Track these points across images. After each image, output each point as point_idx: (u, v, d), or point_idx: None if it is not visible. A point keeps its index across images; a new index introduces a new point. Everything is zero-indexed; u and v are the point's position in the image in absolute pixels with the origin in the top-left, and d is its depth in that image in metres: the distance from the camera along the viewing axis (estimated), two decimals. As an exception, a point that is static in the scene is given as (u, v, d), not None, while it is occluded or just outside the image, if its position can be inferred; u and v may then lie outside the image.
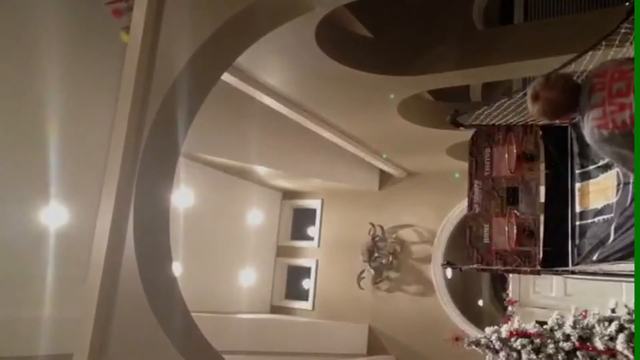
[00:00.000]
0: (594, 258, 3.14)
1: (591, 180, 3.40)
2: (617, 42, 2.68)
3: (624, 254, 2.76)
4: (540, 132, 3.85)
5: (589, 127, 2.24)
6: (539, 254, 3.57)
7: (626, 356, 4.61)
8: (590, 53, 2.85)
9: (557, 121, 3.27)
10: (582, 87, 2.30)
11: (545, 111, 2.33)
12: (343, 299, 9.10)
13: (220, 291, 8.44)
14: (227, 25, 3.88)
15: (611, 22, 2.69)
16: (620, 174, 2.98)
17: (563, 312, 5.26)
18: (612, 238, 2.92)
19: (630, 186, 2.78)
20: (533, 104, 2.33)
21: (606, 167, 3.21)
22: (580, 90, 2.29)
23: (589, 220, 3.34)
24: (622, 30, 2.59)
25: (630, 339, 4.58)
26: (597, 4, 6.22)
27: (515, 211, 3.68)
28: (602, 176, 3.26)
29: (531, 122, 3.65)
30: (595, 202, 3.29)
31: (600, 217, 3.19)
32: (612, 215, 3.02)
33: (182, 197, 7.33)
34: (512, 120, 3.66)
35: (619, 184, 3.00)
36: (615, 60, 2.32)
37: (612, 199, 3.05)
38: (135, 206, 3.75)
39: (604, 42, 2.73)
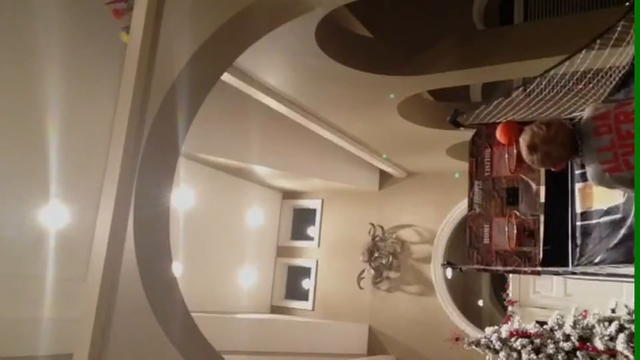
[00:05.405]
0: (597, 260, 3.12)
1: (591, 181, 3.38)
2: (612, 41, 2.67)
3: (630, 257, 2.75)
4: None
5: (598, 170, 2.20)
6: (539, 254, 3.56)
7: (626, 356, 4.61)
8: (584, 51, 2.84)
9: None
10: (581, 132, 2.26)
11: (544, 163, 2.31)
12: (343, 299, 9.09)
13: (220, 291, 8.44)
14: (227, 25, 3.88)
15: (611, 22, 2.68)
16: None
17: (563, 312, 5.26)
18: (618, 240, 2.90)
19: None
20: (530, 154, 2.27)
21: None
22: (578, 138, 2.26)
23: (593, 221, 3.32)
24: (618, 29, 2.58)
25: (630, 339, 4.59)
26: (597, 4, 6.23)
27: (515, 211, 3.67)
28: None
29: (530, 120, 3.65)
30: (600, 202, 3.27)
31: (607, 218, 3.17)
32: (620, 215, 3.01)
33: (182, 197, 7.32)
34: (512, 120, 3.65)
35: None
36: (614, 102, 2.29)
37: (619, 199, 3.04)
38: (135, 206, 3.75)
39: (598, 41, 2.72)
